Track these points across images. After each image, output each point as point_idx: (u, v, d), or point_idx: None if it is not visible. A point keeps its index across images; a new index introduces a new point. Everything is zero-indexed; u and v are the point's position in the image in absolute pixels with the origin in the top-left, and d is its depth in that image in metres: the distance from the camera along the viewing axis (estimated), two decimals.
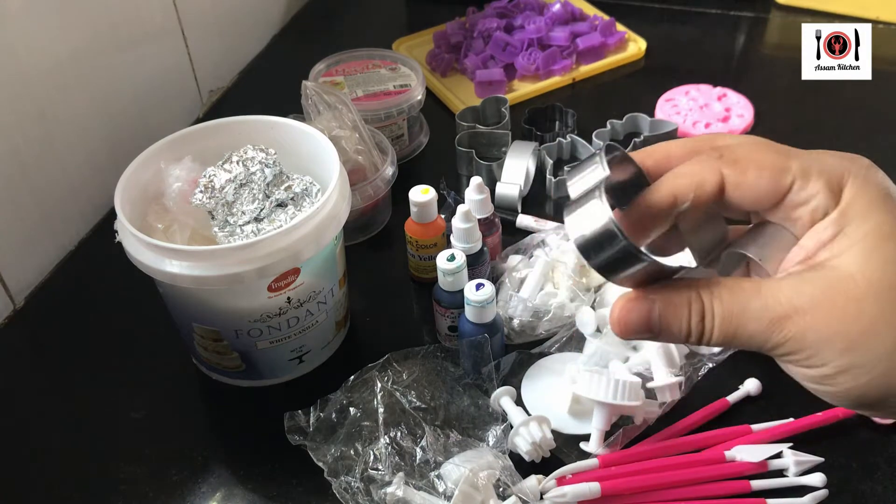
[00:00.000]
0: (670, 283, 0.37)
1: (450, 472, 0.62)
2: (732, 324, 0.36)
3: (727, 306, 0.36)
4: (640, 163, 0.40)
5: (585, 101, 1.12)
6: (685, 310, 0.36)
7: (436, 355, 0.72)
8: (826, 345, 0.34)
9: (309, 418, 0.69)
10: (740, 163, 0.37)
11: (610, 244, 0.35)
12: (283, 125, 0.77)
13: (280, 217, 0.71)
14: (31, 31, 0.82)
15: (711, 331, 0.36)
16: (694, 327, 0.36)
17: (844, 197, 0.35)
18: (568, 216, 0.37)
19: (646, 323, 0.37)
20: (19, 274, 0.85)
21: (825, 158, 0.37)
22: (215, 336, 0.71)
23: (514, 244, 0.86)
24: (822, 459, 0.66)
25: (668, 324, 0.37)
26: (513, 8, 1.23)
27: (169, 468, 0.70)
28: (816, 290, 0.34)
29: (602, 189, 0.36)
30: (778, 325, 0.35)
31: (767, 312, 0.35)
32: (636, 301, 0.37)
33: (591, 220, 0.35)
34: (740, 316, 0.35)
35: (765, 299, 0.35)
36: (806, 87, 1.10)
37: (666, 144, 0.40)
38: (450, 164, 1.01)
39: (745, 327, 0.35)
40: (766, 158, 0.36)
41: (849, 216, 0.35)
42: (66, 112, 0.88)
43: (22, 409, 0.77)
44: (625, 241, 0.34)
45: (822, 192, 0.35)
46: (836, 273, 0.35)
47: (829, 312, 0.34)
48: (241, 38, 1.22)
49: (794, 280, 0.35)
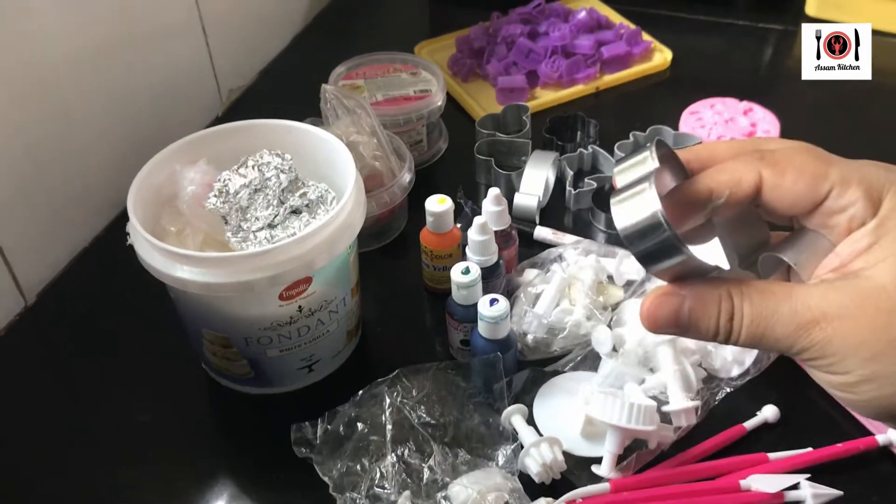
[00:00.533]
0: (703, 280, 0.37)
1: (457, 493, 0.61)
2: (761, 326, 0.36)
3: (757, 308, 0.36)
4: (685, 161, 0.40)
5: (608, 111, 1.10)
6: (715, 308, 0.37)
7: (447, 371, 0.71)
8: (852, 353, 0.34)
9: (316, 430, 0.68)
10: (780, 165, 0.37)
11: (655, 234, 0.36)
12: (300, 130, 0.76)
13: (294, 224, 0.70)
14: (51, 27, 0.82)
15: (739, 331, 0.36)
16: (722, 326, 0.37)
17: (883, 208, 0.36)
18: (615, 204, 0.37)
19: (675, 318, 0.37)
20: (32, 270, 0.85)
21: (866, 168, 0.37)
22: (225, 342, 0.70)
23: (531, 258, 0.84)
24: (840, 493, 0.65)
25: (697, 320, 0.37)
26: (537, 14, 1.22)
27: (174, 474, 0.69)
28: (846, 298, 0.35)
29: (652, 180, 0.36)
30: (805, 329, 0.35)
31: (796, 317, 0.35)
32: (667, 296, 0.38)
33: (639, 209, 0.36)
34: (769, 318, 0.36)
35: (794, 303, 0.35)
36: (835, 105, 1.08)
37: (713, 144, 0.41)
38: (468, 171, 0.99)
39: (773, 330, 0.36)
40: (806, 163, 0.37)
41: (886, 227, 0.35)
42: (84, 109, 0.88)
43: (29, 407, 0.76)
44: (670, 232, 0.35)
45: (861, 201, 0.36)
46: (869, 283, 0.35)
47: (858, 321, 0.34)
48: (263, 37, 1.21)
49: (826, 287, 0.36)
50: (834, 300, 0.35)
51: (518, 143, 0.99)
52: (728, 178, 0.37)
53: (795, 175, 0.37)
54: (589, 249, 0.84)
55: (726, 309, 0.36)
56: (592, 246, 0.85)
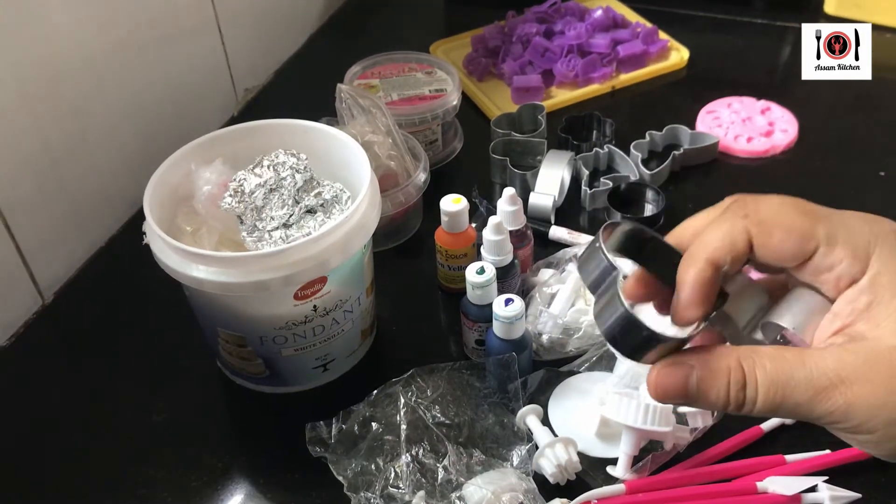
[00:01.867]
0: (713, 349, 0.37)
1: (472, 493, 0.61)
2: (778, 394, 0.36)
3: (771, 376, 0.36)
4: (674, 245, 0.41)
5: (624, 110, 1.10)
6: (724, 378, 0.36)
7: (461, 371, 0.71)
8: (873, 414, 0.35)
9: (331, 430, 0.68)
10: (765, 224, 0.38)
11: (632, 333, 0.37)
12: (316, 130, 0.76)
13: (309, 224, 0.70)
14: (68, 27, 0.82)
15: (755, 400, 0.36)
16: (733, 396, 0.36)
17: (873, 265, 0.36)
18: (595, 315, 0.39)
19: (683, 389, 0.37)
20: (49, 269, 0.85)
21: (851, 222, 0.37)
22: (240, 342, 0.70)
23: (546, 258, 0.84)
24: (859, 495, 0.64)
25: (706, 391, 0.37)
26: (553, 13, 1.21)
27: (188, 474, 0.69)
28: (859, 362, 0.35)
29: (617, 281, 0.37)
30: (824, 395, 0.35)
31: (813, 383, 0.35)
32: (675, 366, 0.37)
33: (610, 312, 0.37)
34: (786, 386, 0.35)
35: (809, 370, 0.35)
36: (853, 104, 1.07)
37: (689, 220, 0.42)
38: (483, 171, 0.99)
39: (792, 397, 0.35)
40: (792, 222, 0.37)
41: (881, 285, 0.36)
42: (100, 108, 0.88)
43: (45, 405, 0.77)
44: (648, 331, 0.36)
45: (847, 259, 0.36)
46: (878, 344, 0.36)
47: (875, 383, 0.35)
48: (278, 36, 1.22)
49: (838, 351, 0.36)
50: (849, 364, 0.35)
51: (533, 143, 0.99)
52: (721, 244, 0.38)
53: (783, 234, 0.37)
54: None
55: (737, 379, 0.36)
56: None
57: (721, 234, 0.38)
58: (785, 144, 1.01)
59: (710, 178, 0.98)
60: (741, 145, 1.00)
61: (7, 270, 0.81)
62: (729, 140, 1.01)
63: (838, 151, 1.01)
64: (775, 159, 1.00)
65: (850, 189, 0.95)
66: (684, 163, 0.99)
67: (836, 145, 1.02)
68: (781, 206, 0.38)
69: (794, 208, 0.38)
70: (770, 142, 1.01)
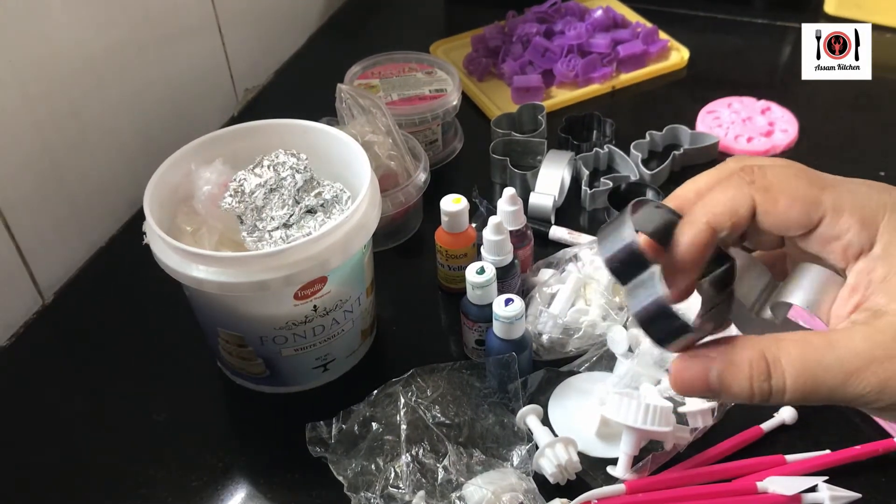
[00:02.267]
0: (733, 340, 0.36)
1: (472, 493, 0.61)
2: (809, 381, 0.35)
3: (799, 364, 0.35)
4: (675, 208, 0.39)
5: (625, 110, 1.10)
6: (746, 370, 0.35)
7: (461, 371, 0.71)
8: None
9: (331, 430, 0.68)
10: (771, 191, 0.36)
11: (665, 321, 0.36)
12: (316, 130, 0.76)
13: (309, 224, 0.70)
14: (68, 27, 0.82)
15: (783, 390, 0.35)
16: (758, 388, 0.35)
17: (883, 234, 0.35)
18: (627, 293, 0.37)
19: (703, 382, 0.36)
20: (49, 269, 0.85)
21: (860, 190, 0.36)
22: (240, 342, 0.70)
23: (546, 258, 0.84)
24: (859, 495, 0.64)
25: (729, 384, 0.36)
26: (553, 13, 1.21)
27: (189, 474, 0.69)
28: (888, 338, 0.34)
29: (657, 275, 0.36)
30: (856, 376, 0.34)
31: (844, 366, 0.34)
32: (694, 359, 0.36)
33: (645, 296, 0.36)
34: (815, 372, 0.34)
35: (838, 352, 0.34)
36: (853, 104, 1.07)
37: (693, 181, 0.40)
38: (483, 171, 0.99)
39: (824, 383, 0.34)
40: (798, 188, 0.36)
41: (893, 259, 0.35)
42: (100, 109, 0.88)
43: (45, 405, 0.77)
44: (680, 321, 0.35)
45: (854, 227, 0.36)
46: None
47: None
48: (278, 36, 1.22)
49: (865, 329, 0.35)
50: (878, 342, 0.34)
51: (533, 143, 0.99)
52: (724, 209, 0.37)
53: (788, 201, 0.36)
54: None
55: (760, 370, 0.35)
56: None
57: (724, 198, 0.37)
58: (785, 144, 1.01)
59: None
60: (741, 145, 1.00)
61: (7, 270, 0.81)
62: (729, 140, 1.01)
63: (838, 151, 1.01)
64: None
65: None
66: (684, 163, 0.99)
67: (836, 145, 1.02)
68: (787, 172, 0.37)
69: (801, 175, 0.37)
70: (770, 142, 1.01)
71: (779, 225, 0.37)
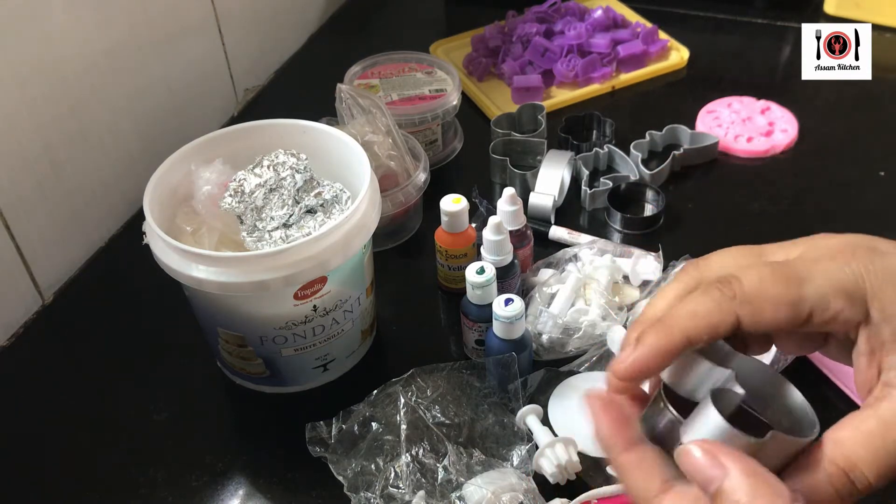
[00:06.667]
0: (805, 465, 0.36)
1: (471, 493, 0.61)
2: (886, 469, 0.35)
3: (873, 461, 0.35)
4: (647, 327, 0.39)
5: (624, 110, 1.10)
6: (831, 491, 0.35)
7: (461, 371, 0.71)
8: None
9: (331, 429, 0.68)
10: (754, 303, 0.37)
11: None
12: (316, 129, 0.76)
13: (309, 224, 0.70)
14: (68, 28, 0.82)
15: (868, 485, 0.35)
16: (846, 495, 0.35)
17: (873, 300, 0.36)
18: None
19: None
20: (49, 269, 0.85)
21: (830, 269, 0.37)
22: (240, 341, 0.70)
23: (546, 258, 0.84)
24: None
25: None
26: (553, 13, 1.21)
27: (189, 473, 0.69)
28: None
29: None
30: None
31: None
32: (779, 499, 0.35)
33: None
34: (889, 462, 0.35)
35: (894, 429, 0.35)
36: (853, 104, 1.07)
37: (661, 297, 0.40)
38: (483, 171, 0.99)
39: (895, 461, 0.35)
40: (779, 293, 0.37)
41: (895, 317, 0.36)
42: (100, 109, 0.88)
43: (45, 404, 0.77)
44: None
45: (846, 307, 0.36)
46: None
47: None
48: (278, 36, 1.22)
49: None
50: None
51: (533, 143, 0.99)
52: (704, 323, 0.37)
53: (773, 309, 0.37)
54: (604, 249, 0.84)
55: (843, 484, 0.35)
56: (608, 246, 0.84)
57: (705, 311, 0.37)
58: (785, 144, 1.01)
59: (710, 178, 0.98)
60: (741, 145, 1.00)
61: (7, 270, 0.81)
62: (729, 140, 1.01)
63: (838, 151, 1.01)
64: (775, 159, 1.00)
65: (850, 189, 0.95)
66: (684, 163, 0.99)
67: (836, 145, 1.02)
68: (762, 276, 0.37)
69: (776, 276, 0.37)
70: (770, 142, 1.01)
71: (770, 329, 0.37)
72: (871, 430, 0.35)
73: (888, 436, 0.35)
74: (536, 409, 0.69)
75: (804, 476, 0.36)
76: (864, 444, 0.35)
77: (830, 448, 0.35)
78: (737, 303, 0.37)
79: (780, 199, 0.94)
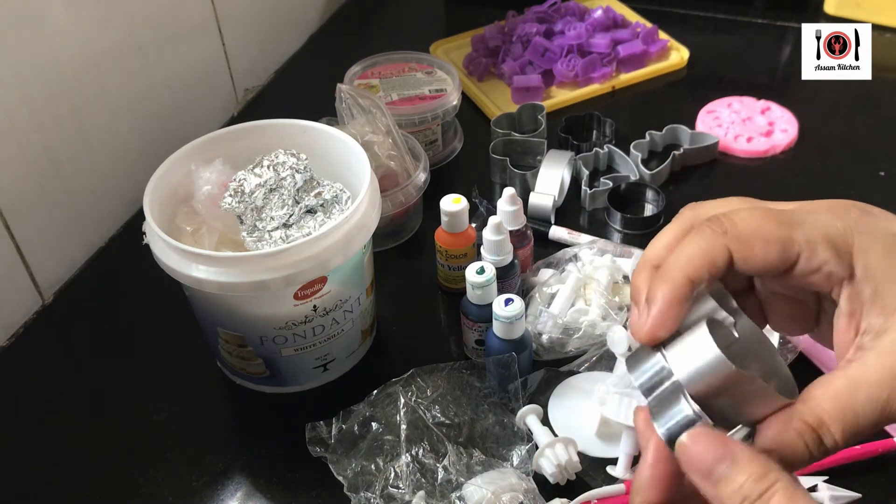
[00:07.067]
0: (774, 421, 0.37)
1: (471, 493, 0.61)
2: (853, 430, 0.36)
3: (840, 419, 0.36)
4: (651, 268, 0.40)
5: (624, 110, 1.10)
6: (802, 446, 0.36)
7: (461, 371, 0.71)
8: None
9: (331, 429, 0.68)
10: (745, 238, 0.38)
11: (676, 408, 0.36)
12: (316, 129, 0.76)
13: (309, 224, 0.70)
14: (68, 28, 0.82)
15: (836, 443, 0.36)
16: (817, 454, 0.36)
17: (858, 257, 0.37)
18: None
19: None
20: (49, 269, 0.85)
21: (823, 219, 0.38)
22: (240, 341, 0.70)
23: (546, 258, 0.84)
24: (859, 495, 0.64)
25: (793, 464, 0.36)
26: (553, 13, 1.21)
27: (189, 473, 0.69)
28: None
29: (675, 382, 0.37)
30: (888, 406, 0.35)
31: (874, 403, 0.35)
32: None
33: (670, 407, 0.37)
34: (855, 418, 0.35)
35: (867, 388, 0.36)
36: (853, 104, 1.07)
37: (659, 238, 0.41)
38: (483, 170, 0.99)
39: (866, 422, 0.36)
40: (770, 232, 0.38)
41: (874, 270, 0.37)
42: (100, 110, 0.88)
43: (45, 405, 0.77)
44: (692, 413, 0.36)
45: (832, 258, 0.37)
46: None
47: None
48: (278, 36, 1.22)
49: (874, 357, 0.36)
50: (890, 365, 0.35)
51: (533, 143, 0.99)
52: (701, 261, 0.37)
53: (763, 246, 0.37)
54: (604, 249, 0.84)
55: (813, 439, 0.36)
56: (608, 246, 0.84)
57: (699, 250, 0.38)
58: (785, 144, 1.01)
59: (710, 178, 0.98)
60: (741, 145, 1.00)
61: (7, 270, 0.81)
62: (729, 140, 1.01)
63: (838, 151, 1.01)
64: (775, 159, 1.00)
65: (850, 189, 0.95)
66: (684, 163, 0.99)
67: (836, 145, 1.02)
68: (754, 216, 0.38)
69: (768, 217, 0.38)
70: (770, 142, 1.01)
71: (758, 268, 0.38)
72: (840, 389, 0.36)
73: (855, 395, 0.35)
74: (536, 409, 0.69)
75: (777, 430, 0.36)
76: (833, 403, 0.36)
77: (801, 405, 0.36)
78: (728, 237, 0.38)
79: (780, 199, 0.94)
